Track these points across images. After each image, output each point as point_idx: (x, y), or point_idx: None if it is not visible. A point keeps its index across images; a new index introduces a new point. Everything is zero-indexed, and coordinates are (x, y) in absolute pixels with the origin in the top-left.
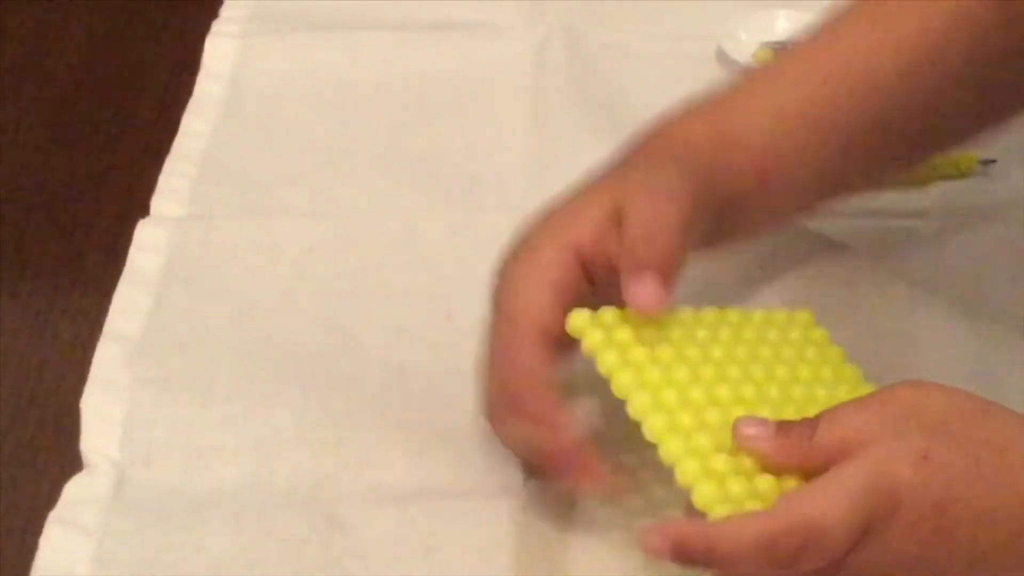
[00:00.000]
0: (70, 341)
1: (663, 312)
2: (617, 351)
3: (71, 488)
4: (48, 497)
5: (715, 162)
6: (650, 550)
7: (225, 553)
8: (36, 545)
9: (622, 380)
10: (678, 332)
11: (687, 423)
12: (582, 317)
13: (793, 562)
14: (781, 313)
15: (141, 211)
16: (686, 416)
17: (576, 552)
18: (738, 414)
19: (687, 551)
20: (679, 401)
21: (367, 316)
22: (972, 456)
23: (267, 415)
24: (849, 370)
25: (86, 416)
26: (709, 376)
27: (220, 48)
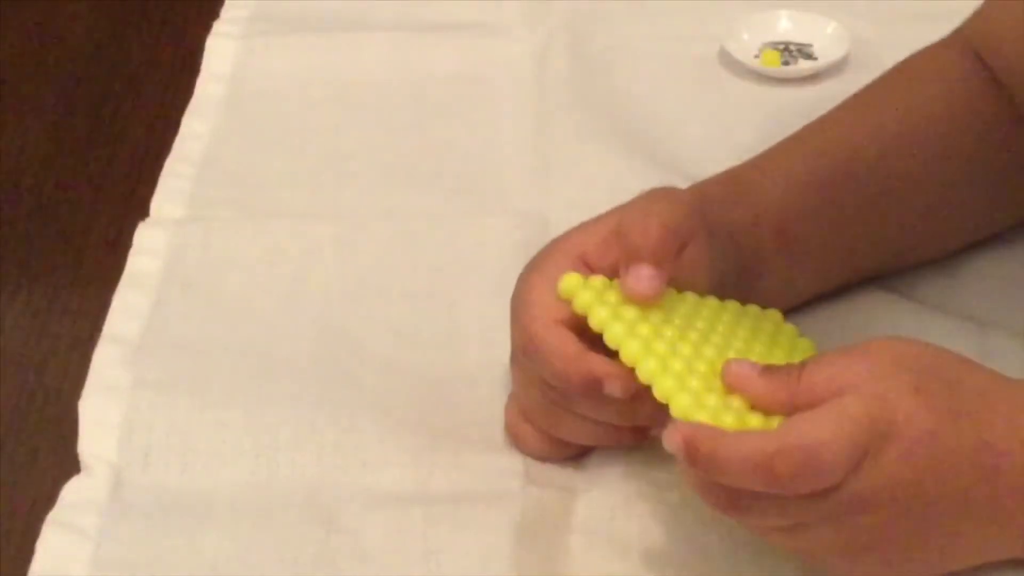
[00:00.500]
0: (70, 341)
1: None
2: (608, 308)
3: (69, 490)
4: (47, 498)
5: (731, 214)
6: (666, 444)
7: (223, 555)
8: (34, 547)
9: (615, 331)
10: (666, 302)
11: (678, 367)
12: (573, 279)
13: (790, 482)
14: (753, 308)
15: (141, 211)
16: (677, 362)
17: (576, 554)
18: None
19: (694, 451)
20: (669, 351)
21: (367, 317)
22: (957, 395)
23: (266, 417)
24: None
25: (84, 418)
26: (694, 338)
27: (220, 48)
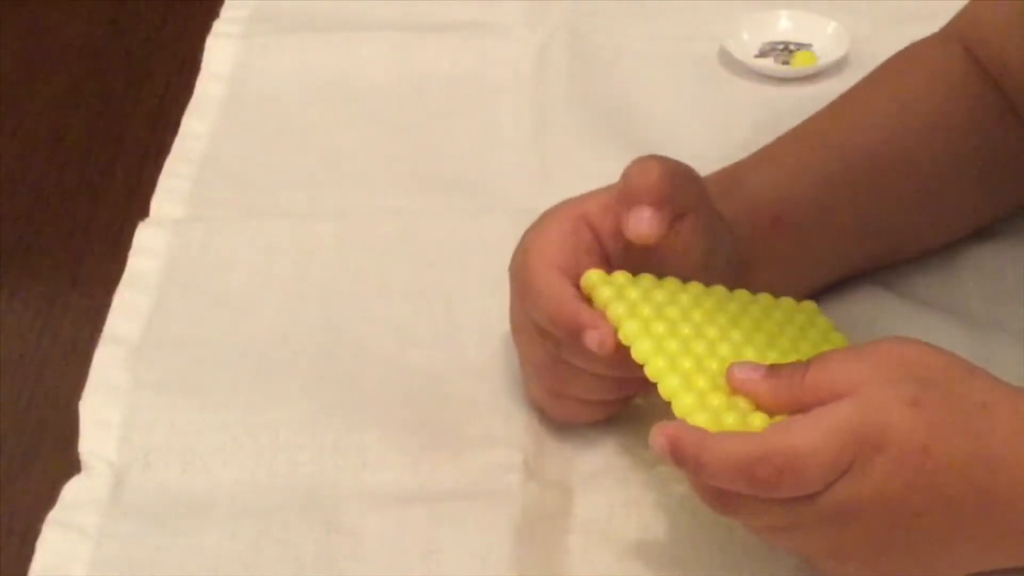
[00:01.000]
0: (70, 341)
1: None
2: (626, 305)
3: (69, 490)
4: (47, 498)
5: (725, 203)
6: (652, 446)
7: (223, 555)
8: (34, 547)
9: (628, 328)
10: (687, 298)
11: (687, 367)
12: (596, 275)
13: (771, 486)
14: (788, 300)
15: (141, 211)
16: (687, 361)
17: (576, 553)
18: None
19: (680, 452)
20: (681, 349)
21: (367, 316)
22: (957, 407)
23: (265, 417)
24: None
25: (85, 418)
26: (712, 335)
27: (220, 48)
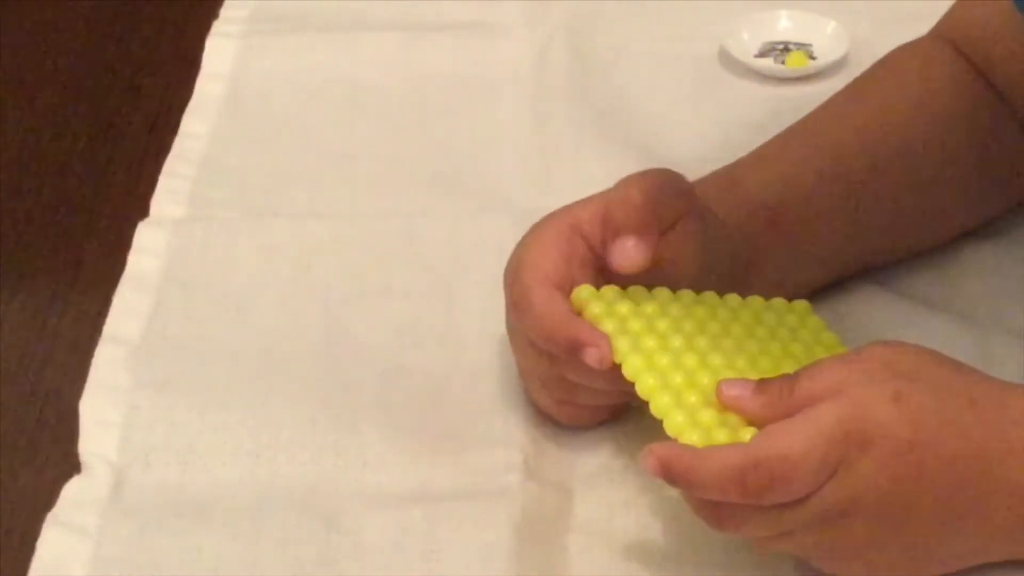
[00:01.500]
0: (70, 341)
1: (656, 290)
2: (616, 320)
3: (69, 490)
4: (47, 498)
5: (720, 204)
6: (643, 467)
7: (223, 555)
8: (34, 546)
9: (619, 345)
10: (677, 309)
11: (678, 383)
12: (585, 290)
13: (762, 493)
14: (779, 301)
15: (141, 211)
16: (678, 376)
17: (575, 553)
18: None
19: (671, 471)
20: (672, 364)
21: (367, 316)
22: (943, 402)
23: (265, 417)
24: (843, 350)
25: (85, 418)
26: (703, 346)
27: (220, 48)
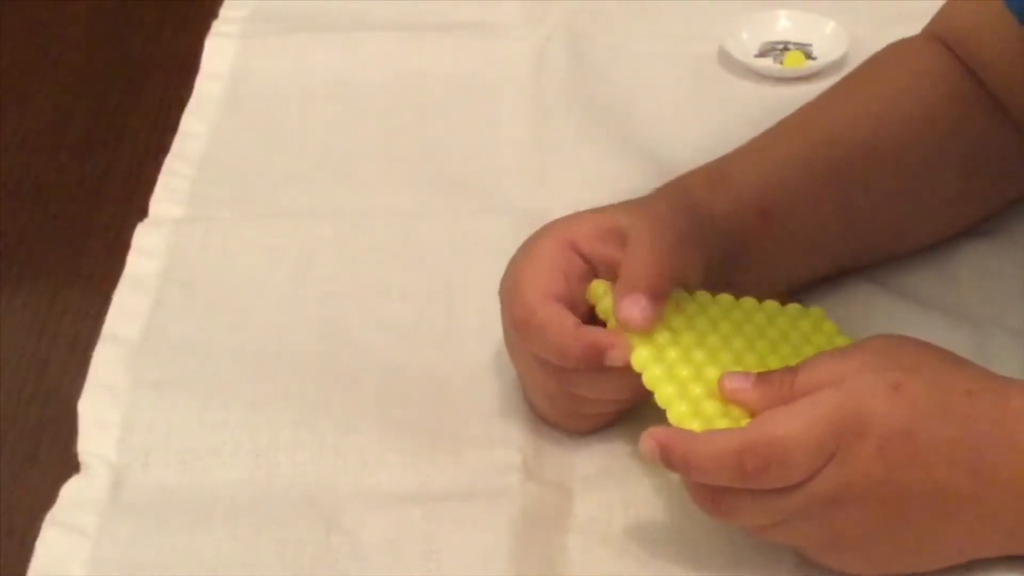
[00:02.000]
0: (70, 341)
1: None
2: None
3: (68, 490)
4: (47, 498)
5: (711, 199)
6: (641, 450)
7: (222, 555)
8: (33, 546)
9: (630, 337)
10: (691, 307)
11: (684, 375)
12: (600, 286)
13: (758, 476)
14: (794, 307)
15: (141, 211)
16: (685, 369)
17: (575, 553)
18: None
19: (669, 454)
20: (681, 357)
21: (367, 317)
22: (941, 393)
23: (265, 417)
24: None
25: (84, 418)
26: (714, 343)
27: (219, 48)
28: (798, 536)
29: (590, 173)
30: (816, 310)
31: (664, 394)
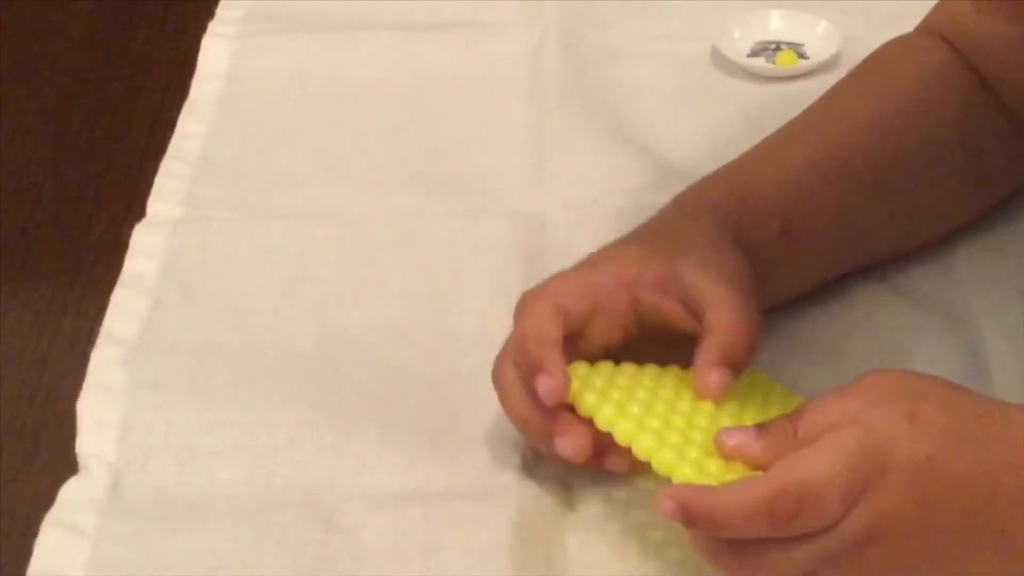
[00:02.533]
0: (70, 341)
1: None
2: (594, 393)
3: (67, 490)
4: (46, 498)
5: (738, 215)
6: (661, 512)
7: (221, 555)
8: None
9: (605, 414)
10: (648, 379)
11: (675, 440)
12: (582, 367)
13: (791, 522)
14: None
15: (140, 211)
16: (673, 435)
17: (574, 552)
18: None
19: (692, 512)
20: (663, 424)
21: (365, 317)
22: (954, 418)
23: (264, 417)
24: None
25: (82, 419)
26: (685, 409)
27: (216, 48)
28: None
29: (586, 172)
30: (759, 372)
31: (663, 459)
